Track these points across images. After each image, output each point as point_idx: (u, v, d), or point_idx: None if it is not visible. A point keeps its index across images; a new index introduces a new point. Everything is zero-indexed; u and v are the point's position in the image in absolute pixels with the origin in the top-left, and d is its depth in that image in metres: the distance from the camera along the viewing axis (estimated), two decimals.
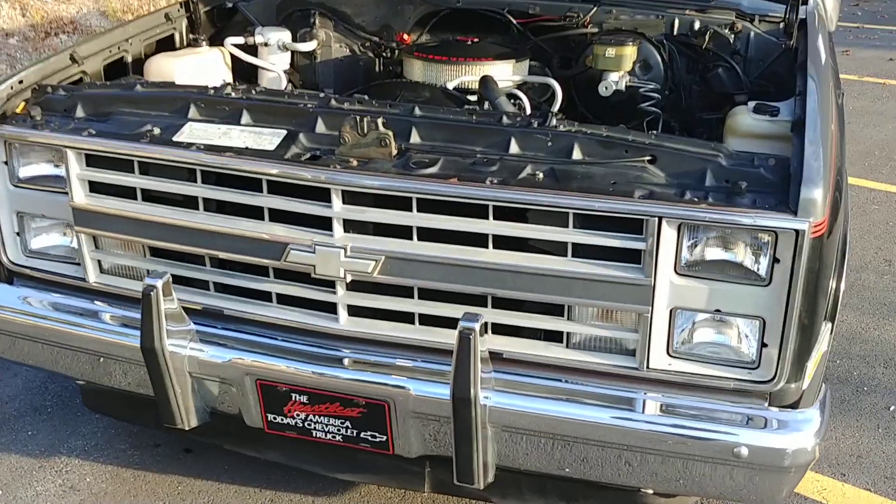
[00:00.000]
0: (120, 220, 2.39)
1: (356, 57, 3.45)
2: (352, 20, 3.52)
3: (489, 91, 2.62)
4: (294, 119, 2.36)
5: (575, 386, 2.20)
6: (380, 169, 2.17)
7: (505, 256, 2.14)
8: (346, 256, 2.20)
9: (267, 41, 3.20)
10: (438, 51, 3.09)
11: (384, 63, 3.55)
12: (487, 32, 3.46)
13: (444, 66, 2.99)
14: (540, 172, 2.13)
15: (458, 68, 2.97)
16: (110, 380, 2.57)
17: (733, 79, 3.15)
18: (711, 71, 3.17)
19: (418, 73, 3.08)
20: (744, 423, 2.08)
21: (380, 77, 3.53)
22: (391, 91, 2.76)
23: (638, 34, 3.14)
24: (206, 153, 2.26)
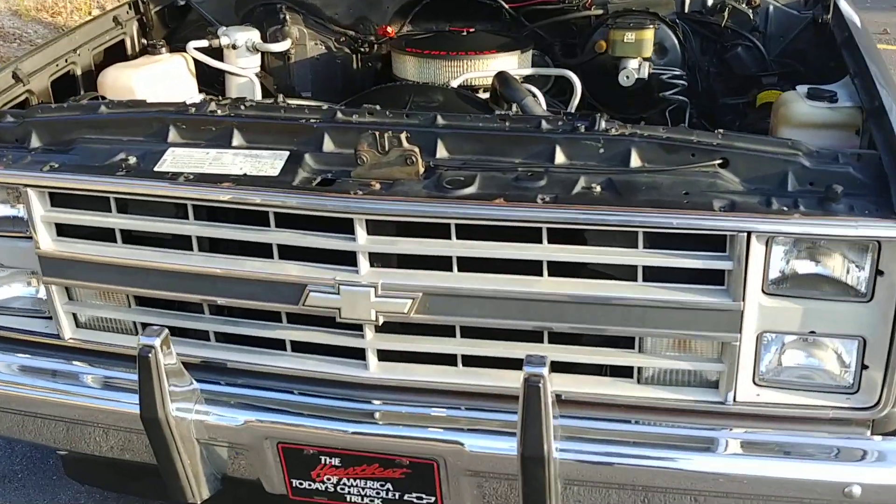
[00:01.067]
0: (97, 267, 2.05)
1: (332, 55, 3.12)
2: (322, 13, 3.20)
3: (513, 90, 2.34)
4: (295, 137, 2.04)
5: (651, 428, 1.95)
6: (409, 192, 1.87)
7: (565, 285, 1.87)
8: (376, 296, 1.90)
9: (234, 43, 2.86)
10: (433, 44, 2.79)
11: (363, 59, 3.24)
12: (476, 20, 3.17)
13: (442, 62, 2.69)
14: (597, 185, 1.87)
15: (458, 64, 2.68)
16: (99, 448, 2.24)
17: (755, 58, 2.94)
18: (730, 51, 2.95)
19: (411, 71, 2.77)
20: (853, 458, 1.85)
21: (359, 76, 3.22)
22: (396, 96, 2.45)
23: (651, 14, 2.88)
24: (199, 186, 1.93)
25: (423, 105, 2.33)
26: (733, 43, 2.93)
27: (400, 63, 2.83)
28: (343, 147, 2.01)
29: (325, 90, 3.09)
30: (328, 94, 3.08)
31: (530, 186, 1.86)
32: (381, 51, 3.26)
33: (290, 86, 3.01)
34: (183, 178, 1.94)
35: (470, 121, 2.03)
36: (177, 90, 2.74)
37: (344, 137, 2.02)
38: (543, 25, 3.05)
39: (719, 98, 2.86)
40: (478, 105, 2.40)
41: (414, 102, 2.32)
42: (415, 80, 2.76)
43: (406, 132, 1.90)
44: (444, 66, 2.69)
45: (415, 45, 2.80)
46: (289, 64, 2.98)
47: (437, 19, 3.22)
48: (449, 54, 2.69)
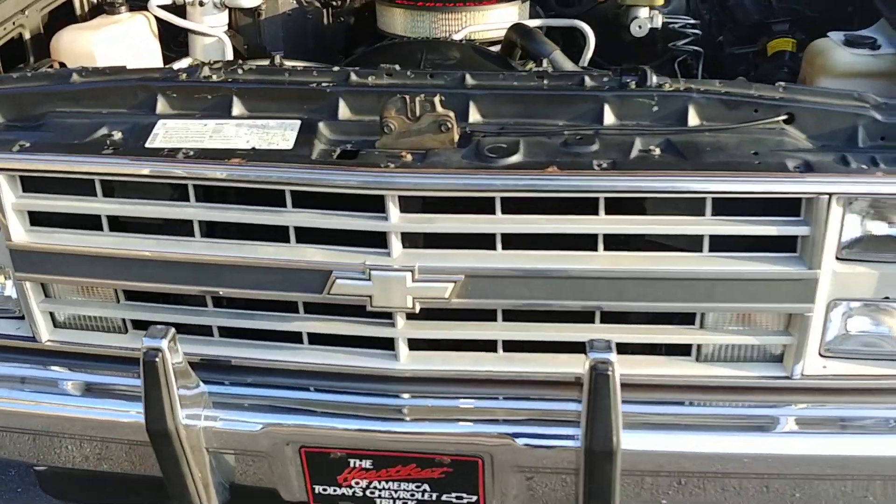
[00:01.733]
0: (80, 259, 1.81)
1: (303, 9, 2.86)
2: None
3: (538, 43, 2.13)
4: (305, 104, 1.82)
5: (715, 409, 1.81)
6: (447, 163, 1.67)
7: (624, 260, 1.70)
8: (413, 281, 1.71)
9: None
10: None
11: (334, 14, 2.99)
12: None
13: (438, 14, 2.48)
14: (655, 147, 1.70)
15: (456, 17, 2.47)
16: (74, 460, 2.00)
17: (758, 4, 2.79)
18: None
19: (401, 26, 2.55)
20: None
21: (330, 32, 2.97)
22: (406, 54, 2.22)
23: None
24: (202, 163, 1.69)
25: (438, 63, 2.11)
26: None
27: (387, 17, 2.60)
28: (361, 113, 1.80)
29: (297, 49, 2.84)
30: (300, 54, 2.84)
31: (582, 151, 1.68)
32: (353, 4, 3.02)
33: (260, 45, 2.75)
34: (182, 154, 1.70)
35: (504, 79, 1.84)
36: (140, 53, 2.47)
37: (362, 103, 1.80)
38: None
39: (726, 48, 2.72)
40: (499, 62, 2.19)
41: (428, 60, 2.10)
42: (406, 36, 2.54)
43: (440, 95, 1.69)
44: (440, 20, 2.47)
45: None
46: (259, 21, 2.72)
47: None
48: (446, 5, 2.47)
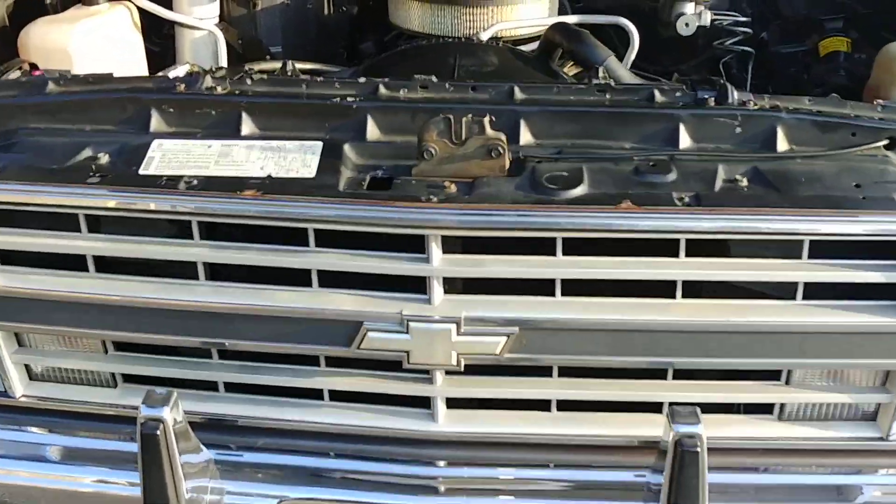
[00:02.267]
0: (60, 306, 1.54)
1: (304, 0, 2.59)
2: None
3: (589, 47, 1.87)
4: (327, 121, 1.56)
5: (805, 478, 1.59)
6: (500, 195, 1.42)
7: (707, 310, 1.47)
8: (459, 334, 1.46)
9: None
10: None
11: (335, 2, 2.71)
12: None
13: (463, 9, 2.20)
14: (742, 177, 1.46)
15: (482, 12, 2.20)
16: None
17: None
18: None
19: (418, 21, 2.28)
20: None
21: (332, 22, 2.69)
22: (434, 58, 1.96)
23: None
24: (209, 196, 1.43)
25: (474, 70, 1.85)
26: None
27: (402, 11, 2.32)
28: (393, 133, 1.55)
29: (297, 43, 2.57)
30: (300, 49, 2.57)
31: (658, 181, 1.44)
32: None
33: (256, 39, 2.47)
34: (184, 184, 1.44)
35: (558, 93, 1.59)
36: (122, 51, 2.19)
37: (393, 121, 1.55)
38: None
39: (771, 46, 2.48)
40: (543, 69, 1.94)
41: (461, 67, 1.84)
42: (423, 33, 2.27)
43: (489, 115, 1.44)
44: (464, 16, 2.20)
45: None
46: (255, 12, 2.44)
47: None
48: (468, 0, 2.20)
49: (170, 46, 2.48)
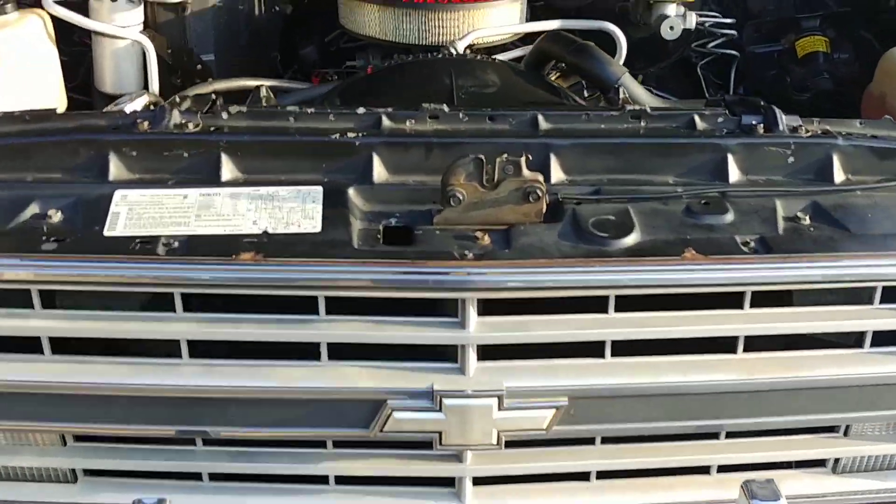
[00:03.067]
0: (7, 396, 1.27)
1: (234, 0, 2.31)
2: None
3: (600, 63, 1.67)
4: (324, 161, 1.33)
5: None
6: (543, 247, 1.23)
7: (770, 364, 1.32)
8: (500, 409, 1.26)
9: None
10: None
11: (267, 3, 2.45)
12: None
13: (429, 15, 1.99)
14: (803, 215, 1.31)
15: (451, 17, 1.99)
16: None
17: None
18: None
19: (376, 27, 2.05)
20: None
21: (263, 26, 2.43)
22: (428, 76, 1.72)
23: None
24: (197, 263, 1.18)
25: (474, 91, 1.64)
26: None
27: (357, 15, 2.09)
28: (404, 173, 1.34)
29: (229, 49, 2.30)
30: (231, 54, 2.31)
31: (715, 224, 1.28)
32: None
33: (185, 47, 2.18)
34: (163, 247, 1.19)
35: (588, 121, 1.40)
36: (34, 65, 1.89)
37: (404, 158, 1.34)
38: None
39: (746, 46, 2.36)
40: (547, 87, 1.73)
41: (460, 88, 1.63)
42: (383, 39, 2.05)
43: (525, 153, 1.24)
44: (431, 21, 1.99)
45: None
46: (184, 17, 2.15)
47: None
48: (439, 2, 1.98)
49: (83, 55, 2.18)
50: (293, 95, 1.82)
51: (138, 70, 2.10)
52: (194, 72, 2.19)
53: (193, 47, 2.19)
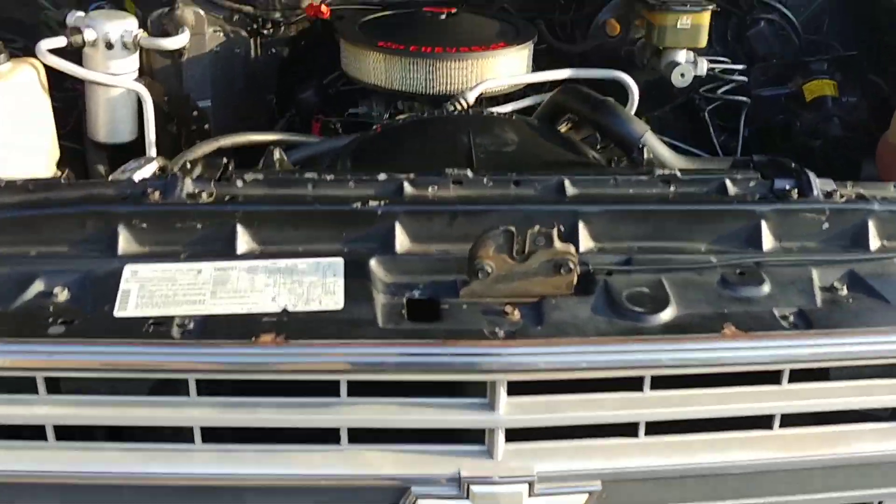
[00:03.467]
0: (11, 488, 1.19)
1: (231, 43, 2.25)
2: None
3: (621, 120, 1.62)
4: (344, 231, 1.28)
5: None
6: (578, 324, 1.18)
7: (811, 441, 1.27)
8: (532, 495, 1.21)
9: (107, 38, 1.94)
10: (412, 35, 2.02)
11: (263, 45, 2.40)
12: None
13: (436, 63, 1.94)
14: (840, 285, 1.27)
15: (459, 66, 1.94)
16: None
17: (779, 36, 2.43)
18: (752, 27, 2.42)
19: (381, 75, 2.00)
20: None
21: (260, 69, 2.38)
22: (444, 134, 1.66)
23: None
24: (214, 346, 1.12)
25: (493, 151, 1.58)
26: (755, 17, 2.40)
27: (360, 62, 2.04)
28: (427, 242, 1.29)
29: (226, 94, 2.24)
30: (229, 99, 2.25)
31: (753, 296, 1.24)
32: (287, 32, 2.43)
33: (182, 94, 2.12)
34: (177, 328, 1.13)
35: (616, 186, 1.36)
36: (28, 116, 1.82)
37: (427, 228, 1.28)
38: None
39: (751, 88, 2.33)
40: (566, 145, 1.68)
41: (478, 147, 1.57)
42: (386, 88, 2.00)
43: (558, 224, 1.19)
44: (439, 70, 1.94)
45: (387, 36, 2.02)
46: (181, 63, 2.09)
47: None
48: (447, 51, 1.94)
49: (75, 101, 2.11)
50: (301, 151, 1.76)
51: (133, 118, 2.04)
52: (191, 118, 2.13)
53: (190, 93, 2.13)
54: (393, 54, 1.95)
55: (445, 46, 1.95)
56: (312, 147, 1.77)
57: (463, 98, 1.83)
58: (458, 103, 1.83)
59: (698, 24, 2.04)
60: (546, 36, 2.32)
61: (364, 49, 2.00)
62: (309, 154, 1.74)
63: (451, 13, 2.13)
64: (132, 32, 1.96)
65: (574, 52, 2.31)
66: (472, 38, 2.02)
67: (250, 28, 2.36)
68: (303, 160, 1.74)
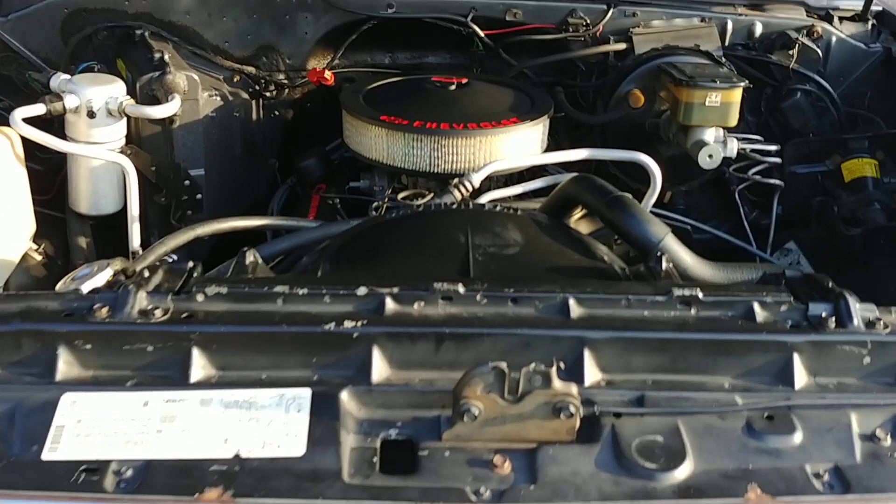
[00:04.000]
0: None
1: (229, 106, 2.13)
2: (205, 41, 2.20)
3: (638, 220, 1.43)
4: (315, 356, 1.12)
5: None
6: (578, 484, 1.01)
7: None
8: None
9: (90, 105, 1.82)
10: (417, 108, 1.88)
11: (266, 108, 2.27)
12: (433, 51, 2.31)
13: (441, 141, 1.80)
14: (884, 433, 1.10)
15: (467, 143, 1.80)
16: None
17: (816, 109, 2.26)
18: (787, 99, 2.25)
19: (383, 151, 1.86)
20: None
21: (260, 132, 2.25)
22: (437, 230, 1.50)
23: (703, 53, 2.13)
24: (151, 500, 0.97)
25: (492, 252, 1.42)
26: (791, 88, 2.24)
27: (364, 136, 1.90)
28: (409, 369, 1.13)
29: (223, 162, 2.11)
30: (224, 165, 2.12)
31: (782, 448, 1.07)
32: (291, 94, 2.31)
33: (172, 163, 1.99)
34: (112, 477, 0.98)
35: (629, 307, 1.19)
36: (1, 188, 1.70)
37: (410, 353, 1.13)
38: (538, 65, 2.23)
39: (785, 165, 2.16)
40: (576, 246, 1.52)
41: (476, 248, 1.41)
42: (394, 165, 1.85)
43: (557, 362, 1.04)
44: (444, 147, 1.80)
45: (391, 108, 1.88)
46: (171, 131, 1.96)
47: (378, 49, 2.32)
48: (453, 127, 1.79)
49: (59, 167, 1.99)
50: (284, 242, 1.60)
51: (117, 190, 1.92)
52: (182, 188, 2.00)
53: (181, 162, 2.00)
54: (396, 129, 1.81)
55: (452, 122, 1.80)
56: (297, 237, 1.61)
57: (468, 181, 1.68)
58: (463, 186, 1.68)
59: (729, 101, 1.88)
60: (565, 106, 2.18)
61: (365, 122, 1.85)
62: (291, 246, 1.58)
63: (461, 83, 1.99)
64: (118, 99, 1.84)
65: (596, 122, 2.16)
66: (483, 111, 1.88)
67: (252, 90, 2.25)
68: (285, 253, 1.59)
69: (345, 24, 2.21)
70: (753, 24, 2.24)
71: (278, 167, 2.34)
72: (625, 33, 2.20)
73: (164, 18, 2.16)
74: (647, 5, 2.24)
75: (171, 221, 1.99)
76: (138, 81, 1.91)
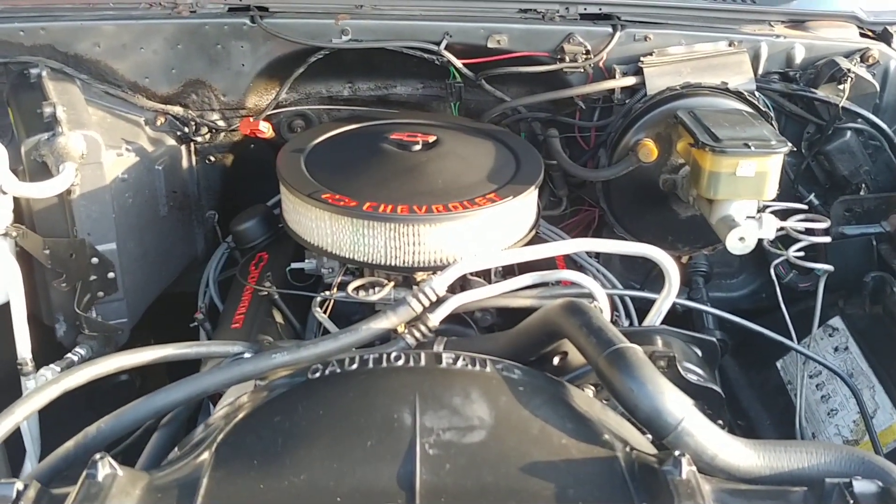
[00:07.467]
0: None
1: (150, 159, 1.77)
2: (120, 77, 1.85)
3: (654, 400, 1.02)
4: None
5: None
6: None
7: None
8: None
9: None
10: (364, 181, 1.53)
11: (200, 153, 1.93)
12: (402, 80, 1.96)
13: (395, 227, 1.44)
14: None
15: (428, 233, 1.44)
16: None
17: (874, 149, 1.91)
18: (834, 140, 1.89)
19: (327, 236, 1.50)
20: None
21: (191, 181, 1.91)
22: (379, 404, 1.09)
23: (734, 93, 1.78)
24: None
25: (448, 440, 1.03)
26: (843, 126, 1.87)
27: (302, 217, 1.54)
28: None
29: (142, 228, 1.77)
30: (145, 235, 1.78)
31: None
32: (230, 136, 1.96)
33: (73, 240, 1.64)
34: None
35: None
36: None
37: None
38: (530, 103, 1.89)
39: (834, 225, 1.80)
40: (561, 417, 1.12)
41: (426, 432, 1.03)
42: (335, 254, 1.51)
43: None
44: (404, 237, 1.44)
45: (336, 182, 1.52)
46: (71, 202, 1.61)
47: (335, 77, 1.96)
48: (413, 211, 1.44)
49: None
50: (179, 390, 1.24)
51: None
52: (88, 268, 1.66)
53: (86, 236, 1.65)
54: (341, 214, 1.45)
55: (413, 203, 1.44)
56: (193, 383, 1.24)
57: (430, 288, 1.32)
58: (424, 294, 1.33)
59: (765, 172, 1.51)
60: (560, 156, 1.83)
61: (306, 202, 1.50)
62: (186, 396, 1.21)
63: (426, 142, 1.63)
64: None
65: (600, 178, 1.81)
66: (453, 183, 1.52)
67: (181, 133, 1.90)
68: (177, 407, 1.25)
69: (289, 55, 1.85)
70: (793, 48, 1.86)
71: (218, 220, 2.00)
72: (634, 63, 1.83)
73: (68, 51, 1.80)
74: (663, 26, 1.87)
75: (76, 310, 1.65)
76: (23, 145, 1.57)
